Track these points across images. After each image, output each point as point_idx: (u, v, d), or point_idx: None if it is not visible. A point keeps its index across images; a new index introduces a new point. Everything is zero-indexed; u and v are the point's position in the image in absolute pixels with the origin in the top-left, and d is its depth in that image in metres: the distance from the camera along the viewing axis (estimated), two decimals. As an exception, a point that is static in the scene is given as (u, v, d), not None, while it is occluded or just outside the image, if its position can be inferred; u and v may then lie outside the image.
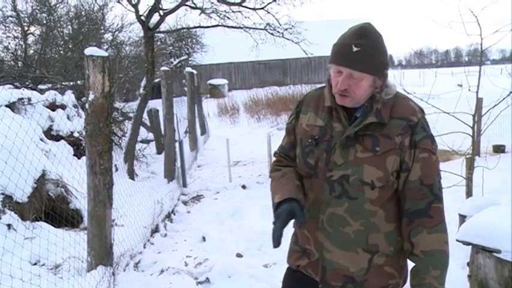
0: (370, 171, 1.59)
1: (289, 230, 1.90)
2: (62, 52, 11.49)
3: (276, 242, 1.56)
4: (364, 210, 1.62)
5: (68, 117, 6.33)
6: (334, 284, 1.70)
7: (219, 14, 9.22)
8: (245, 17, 9.43)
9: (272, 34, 9.74)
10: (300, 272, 1.80)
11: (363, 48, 1.57)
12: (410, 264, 1.80)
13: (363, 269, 1.66)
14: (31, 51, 11.35)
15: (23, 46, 11.02)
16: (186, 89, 11.55)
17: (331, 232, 1.65)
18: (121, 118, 9.60)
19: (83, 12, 13.38)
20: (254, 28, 9.73)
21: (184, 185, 7.40)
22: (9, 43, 11.23)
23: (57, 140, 5.76)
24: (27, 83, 8.71)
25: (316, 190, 1.67)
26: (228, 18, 9.32)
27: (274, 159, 1.92)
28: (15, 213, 4.08)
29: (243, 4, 9.04)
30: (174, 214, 6.02)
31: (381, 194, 1.61)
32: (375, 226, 1.63)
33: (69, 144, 5.89)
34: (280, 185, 1.70)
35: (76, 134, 6.16)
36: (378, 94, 1.64)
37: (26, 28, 11.38)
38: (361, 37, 1.58)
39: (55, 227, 4.28)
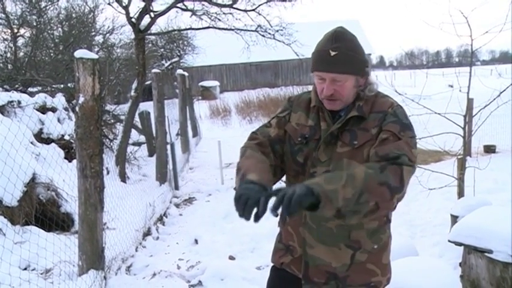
0: (350, 164, 1.62)
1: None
2: (52, 54, 11.39)
3: (262, 212, 1.34)
4: None
5: (59, 120, 6.27)
6: (317, 280, 1.73)
7: (210, 16, 9.21)
8: (236, 19, 9.44)
9: (263, 36, 9.75)
10: (283, 270, 1.83)
11: (340, 51, 1.62)
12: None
13: (345, 264, 1.69)
14: (21, 54, 11.23)
15: (13, 48, 10.91)
16: (177, 91, 11.52)
17: (313, 227, 1.70)
18: (112, 121, 9.53)
19: (73, 15, 13.28)
20: (245, 30, 9.73)
21: (176, 187, 7.36)
22: (-2, 45, 11.12)
23: (48, 143, 5.70)
24: (16, 86, 8.62)
25: None
26: (219, 20, 9.32)
27: (251, 140, 1.79)
28: (5, 217, 4.03)
29: (234, 6, 9.03)
30: (166, 217, 5.98)
31: None
32: (358, 222, 1.65)
33: (59, 147, 5.83)
34: (258, 166, 1.61)
35: (67, 137, 6.10)
36: (362, 92, 1.70)
37: (15, 30, 11.27)
38: (336, 41, 1.63)
39: (45, 231, 4.23)
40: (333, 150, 1.66)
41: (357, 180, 1.43)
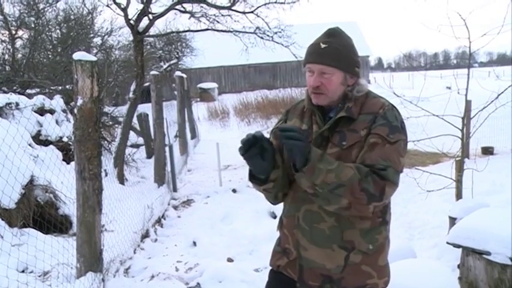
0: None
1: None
2: (50, 56, 11.41)
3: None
4: None
5: (57, 122, 6.27)
6: (312, 283, 1.72)
7: (208, 18, 9.22)
8: (235, 21, 9.45)
9: (262, 38, 9.75)
10: (280, 273, 1.84)
11: (330, 45, 1.68)
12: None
13: (339, 266, 1.68)
14: (19, 56, 11.23)
15: (11, 50, 10.91)
16: (176, 93, 11.51)
17: (306, 229, 1.70)
18: (111, 122, 9.54)
19: (71, 16, 13.28)
20: (244, 32, 9.73)
21: (175, 189, 7.36)
22: (-4, 47, 11.10)
23: (46, 145, 5.69)
24: (14, 88, 8.62)
25: (295, 189, 1.74)
26: (218, 22, 9.32)
27: None
28: (3, 220, 4.03)
29: (233, 8, 9.04)
30: (165, 219, 5.98)
31: None
32: (349, 222, 1.66)
33: (58, 149, 5.82)
34: None
35: (65, 139, 6.09)
36: (350, 92, 1.72)
37: (13, 32, 11.27)
38: (328, 36, 1.71)
39: (43, 233, 4.22)
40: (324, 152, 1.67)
41: (344, 174, 1.54)
